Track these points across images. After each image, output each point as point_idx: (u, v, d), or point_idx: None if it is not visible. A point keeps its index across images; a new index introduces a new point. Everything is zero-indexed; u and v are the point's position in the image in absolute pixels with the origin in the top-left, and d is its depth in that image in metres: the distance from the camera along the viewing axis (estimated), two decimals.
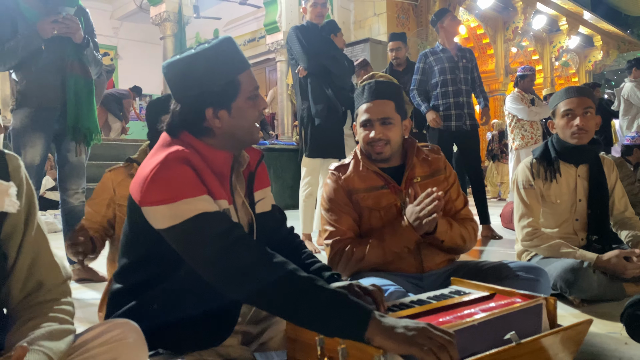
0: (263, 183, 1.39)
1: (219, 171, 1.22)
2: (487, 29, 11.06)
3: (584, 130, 2.17)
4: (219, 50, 1.19)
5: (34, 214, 0.97)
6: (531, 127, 5.26)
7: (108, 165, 2.52)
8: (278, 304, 1.06)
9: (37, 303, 0.93)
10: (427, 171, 1.84)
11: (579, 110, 2.18)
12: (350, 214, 1.79)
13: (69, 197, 2.79)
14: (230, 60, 1.20)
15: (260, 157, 1.35)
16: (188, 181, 1.10)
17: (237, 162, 1.30)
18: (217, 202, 1.14)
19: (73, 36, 2.58)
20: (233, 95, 1.20)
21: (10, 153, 0.96)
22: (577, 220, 2.27)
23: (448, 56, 4.03)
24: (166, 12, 7.66)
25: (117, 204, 1.91)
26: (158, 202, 1.09)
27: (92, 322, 1.97)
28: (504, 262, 1.75)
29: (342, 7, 8.71)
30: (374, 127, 1.77)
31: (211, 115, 1.19)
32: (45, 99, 2.62)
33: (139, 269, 1.22)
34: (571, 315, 1.94)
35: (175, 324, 1.17)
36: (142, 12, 10.28)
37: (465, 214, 1.87)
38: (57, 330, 0.89)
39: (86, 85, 2.71)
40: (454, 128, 3.99)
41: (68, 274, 1.02)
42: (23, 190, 0.95)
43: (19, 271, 0.94)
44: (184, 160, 1.12)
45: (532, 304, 1.27)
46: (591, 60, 14.68)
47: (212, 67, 1.18)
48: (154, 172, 1.10)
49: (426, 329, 0.97)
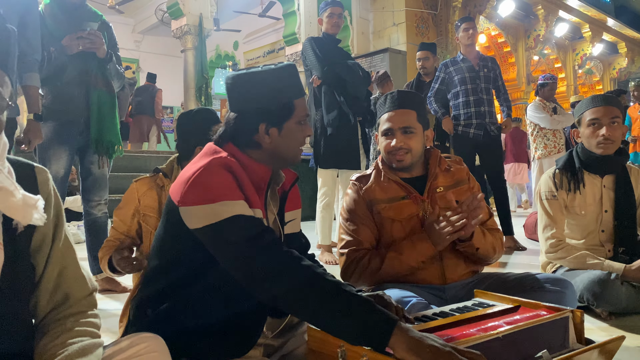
0: (295, 204, 1.44)
1: (257, 184, 1.26)
2: (508, 37, 10.97)
3: (610, 140, 2.13)
4: (283, 73, 1.29)
5: (62, 226, 0.99)
6: (554, 135, 5.19)
7: (131, 176, 2.56)
8: (304, 306, 1.08)
9: (65, 317, 0.94)
10: (450, 181, 1.82)
11: (605, 119, 2.14)
12: (369, 227, 1.78)
13: (92, 209, 2.84)
14: (290, 85, 1.30)
15: (295, 179, 1.41)
16: (227, 186, 1.15)
17: (274, 179, 1.35)
18: (253, 211, 1.18)
19: (97, 51, 2.64)
20: (287, 116, 1.28)
21: (39, 166, 0.97)
22: (603, 231, 2.22)
23: (468, 66, 4.01)
24: (187, 25, 7.80)
25: (142, 214, 1.93)
26: (197, 202, 1.13)
27: (114, 332, 1.99)
28: (528, 274, 1.72)
29: (361, 17, 8.74)
30: (395, 135, 1.78)
31: (263, 130, 1.27)
32: (69, 113, 2.67)
33: (169, 272, 1.24)
34: (599, 329, 1.89)
35: (200, 334, 1.18)
36: (163, 25, 10.48)
37: (491, 225, 1.85)
38: (88, 345, 0.90)
39: (109, 99, 2.77)
40: (475, 137, 3.96)
41: (94, 286, 1.02)
42: (51, 202, 0.96)
43: (46, 282, 0.95)
44: (226, 167, 1.17)
45: (558, 317, 1.24)
46: (615, 67, 14.44)
47: (274, 87, 1.27)
48: (196, 175, 1.15)
49: (452, 353, 0.95)
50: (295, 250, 1.15)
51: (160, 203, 1.92)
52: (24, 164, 0.95)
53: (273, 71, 1.28)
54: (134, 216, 1.95)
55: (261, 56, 11.94)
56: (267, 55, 11.76)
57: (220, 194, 1.13)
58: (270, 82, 1.27)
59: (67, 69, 2.63)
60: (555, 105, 5.24)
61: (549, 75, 5.37)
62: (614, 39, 13.76)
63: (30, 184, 0.92)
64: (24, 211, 0.86)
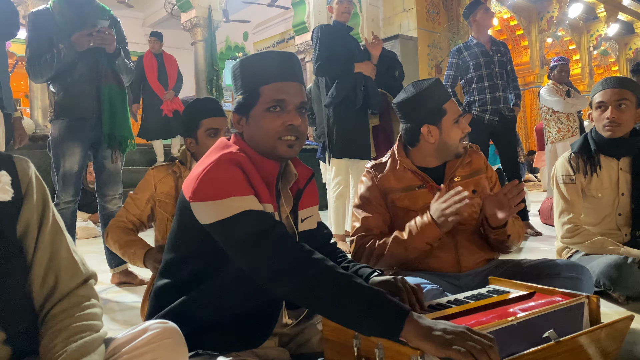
0: (311, 201, 1.41)
1: (266, 178, 1.25)
2: (520, 20, 10.81)
3: (615, 122, 2.10)
4: (254, 60, 1.28)
5: (49, 211, 1.01)
6: (567, 119, 5.11)
7: (145, 170, 2.58)
8: (316, 300, 1.08)
9: (61, 311, 0.95)
10: (467, 171, 1.81)
11: (611, 102, 2.11)
12: (382, 214, 1.78)
13: (106, 203, 2.87)
14: (258, 71, 1.26)
15: (311, 175, 1.39)
16: (237, 181, 1.15)
17: (284, 176, 1.34)
18: (264, 206, 1.18)
19: (107, 47, 2.65)
20: (252, 104, 1.26)
21: (17, 156, 1.01)
22: (619, 215, 2.19)
23: (482, 50, 3.94)
24: (196, 17, 7.79)
25: (157, 200, 1.98)
26: (207, 198, 1.14)
27: (133, 324, 2.03)
28: (544, 260, 1.71)
29: (371, 4, 8.65)
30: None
31: (236, 120, 1.29)
32: (81, 109, 2.70)
33: (184, 266, 1.25)
34: (616, 314, 1.87)
35: (216, 324, 1.20)
36: (173, 18, 10.48)
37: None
38: (87, 342, 0.91)
39: (120, 94, 2.78)
40: (489, 122, 3.92)
41: (89, 272, 1.04)
42: (33, 188, 0.99)
43: (37, 267, 0.97)
44: (235, 162, 1.17)
45: (574, 303, 1.23)
46: (632, 47, 14.16)
47: (244, 75, 1.27)
48: (206, 170, 1.16)
49: (465, 332, 0.95)
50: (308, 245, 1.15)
51: (177, 190, 1.96)
52: (3, 156, 0.99)
53: (246, 59, 1.29)
54: (148, 202, 1.99)
55: (271, 46, 11.90)
56: (277, 45, 11.71)
57: (229, 189, 1.13)
58: (242, 71, 1.28)
59: (77, 66, 2.65)
60: (569, 88, 5.15)
61: (559, 57, 5.28)
62: (630, 18, 13.47)
63: (10, 173, 0.96)
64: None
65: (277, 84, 1.24)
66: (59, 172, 2.72)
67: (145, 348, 0.93)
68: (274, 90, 1.24)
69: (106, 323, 1.05)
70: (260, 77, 1.25)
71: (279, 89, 1.24)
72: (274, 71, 1.26)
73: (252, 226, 1.12)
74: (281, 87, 1.24)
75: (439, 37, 8.58)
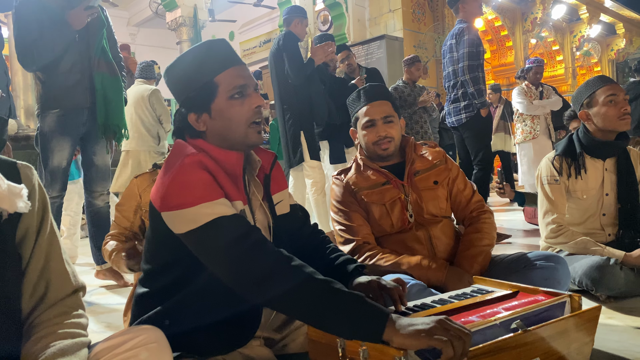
0: (280, 185, 1.38)
1: (232, 172, 1.22)
2: (505, 21, 10.90)
3: (629, 114, 2.13)
4: (191, 56, 1.23)
5: (47, 219, 1.00)
6: (532, 121, 5.17)
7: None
8: (295, 308, 1.07)
9: (48, 319, 0.94)
10: (427, 164, 1.89)
11: (622, 95, 2.13)
12: (359, 212, 1.85)
13: (94, 199, 2.84)
14: (208, 61, 1.21)
15: (274, 159, 1.35)
16: (205, 185, 1.11)
17: (248, 164, 1.30)
18: (233, 204, 1.15)
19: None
20: (211, 97, 1.20)
21: (21, 162, 1.00)
22: (604, 215, 2.22)
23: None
24: (182, 17, 7.75)
25: (144, 210, 1.95)
26: (177, 207, 1.10)
27: (118, 327, 2.01)
28: (520, 254, 1.76)
29: (357, 4, 8.67)
30: (377, 126, 1.85)
31: (194, 120, 1.22)
32: (73, 100, 2.63)
33: (163, 275, 1.23)
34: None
35: (198, 328, 1.18)
36: (158, 17, 10.40)
37: (477, 200, 1.90)
38: (68, 346, 0.90)
39: (113, 83, 2.72)
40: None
41: (79, 283, 1.03)
42: (36, 195, 0.98)
43: (31, 273, 0.96)
44: (200, 165, 1.13)
45: (556, 302, 1.25)
46: (614, 48, 14.36)
47: (190, 71, 1.22)
48: (171, 178, 1.12)
49: (443, 320, 0.96)
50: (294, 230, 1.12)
51: None
52: (7, 162, 0.98)
53: (188, 54, 1.23)
54: (137, 212, 1.96)
55: (257, 46, 11.87)
56: (263, 45, 11.67)
57: (198, 195, 1.09)
58: (186, 66, 1.21)
59: (66, 56, 2.58)
60: (542, 90, 5.22)
61: (534, 59, 5.35)
62: (612, 20, 13.67)
63: (14, 180, 0.94)
64: (10, 199, 0.89)
65: (231, 70, 1.21)
66: (47, 167, 2.66)
67: (129, 352, 0.92)
68: (231, 76, 1.21)
69: (90, 324, 1.04)
70: (210, 68, 1.21)
71: (235, 75, 1.21)
72: (222, 58, 1.22)
73: (226, 234, 1.08)
74: (237, 71, 1.22)
75: (424, 38, 8.63)
